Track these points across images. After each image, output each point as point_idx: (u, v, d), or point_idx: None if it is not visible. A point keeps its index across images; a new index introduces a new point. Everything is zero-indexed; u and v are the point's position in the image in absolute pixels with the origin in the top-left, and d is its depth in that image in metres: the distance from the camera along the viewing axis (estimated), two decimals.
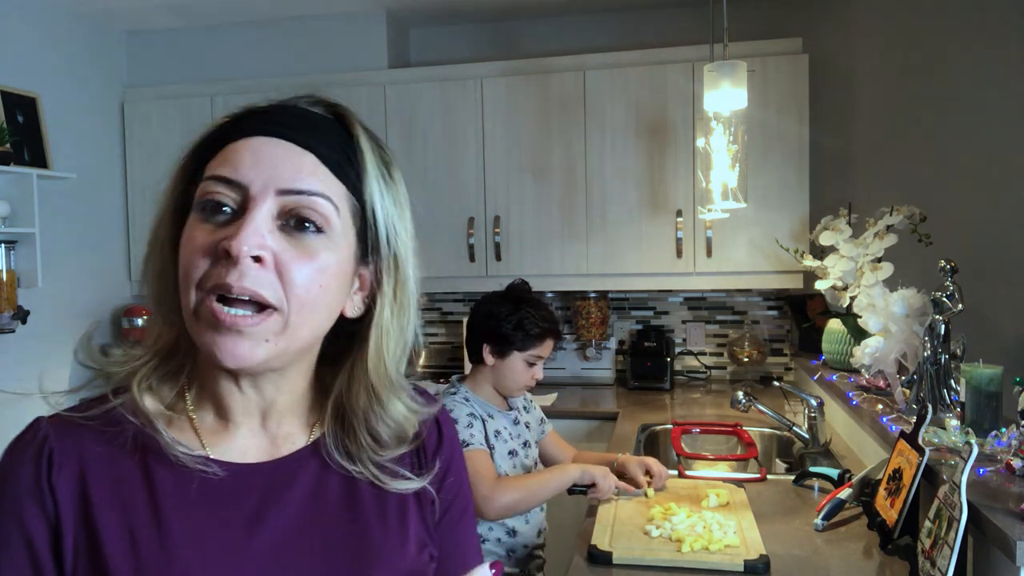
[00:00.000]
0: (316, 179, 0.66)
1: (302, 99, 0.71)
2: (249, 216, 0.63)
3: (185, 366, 0.72)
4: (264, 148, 0.65)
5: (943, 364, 1.60)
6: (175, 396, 0.71)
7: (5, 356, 2.85)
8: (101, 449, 0.67)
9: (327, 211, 0.66)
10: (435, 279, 3.16)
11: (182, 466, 0.67)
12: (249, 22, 3.44)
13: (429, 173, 3.13)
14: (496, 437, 1.83)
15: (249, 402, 0.71)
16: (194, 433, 0.70)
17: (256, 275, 0.62)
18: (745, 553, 1.43)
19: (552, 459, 2.05)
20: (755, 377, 3.23)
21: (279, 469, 0.71)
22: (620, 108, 2.97)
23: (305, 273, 0.65)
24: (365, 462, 0.73)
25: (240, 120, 0.68)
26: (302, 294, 0.65)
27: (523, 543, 1.83)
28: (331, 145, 0.68)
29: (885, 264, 2.09)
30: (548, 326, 1.86)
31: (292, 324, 0.65)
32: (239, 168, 0.64)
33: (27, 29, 2.99)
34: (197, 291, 0.63)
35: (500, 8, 3.31)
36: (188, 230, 0.65)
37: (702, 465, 2.21)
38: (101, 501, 0.65)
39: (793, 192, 2.84)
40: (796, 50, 2.85)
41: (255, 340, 0.63)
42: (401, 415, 0.74)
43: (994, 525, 1.13)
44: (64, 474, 0.65)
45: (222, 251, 0.62)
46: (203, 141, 0.69)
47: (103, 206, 3.35)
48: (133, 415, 0.67)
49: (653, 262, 2.97)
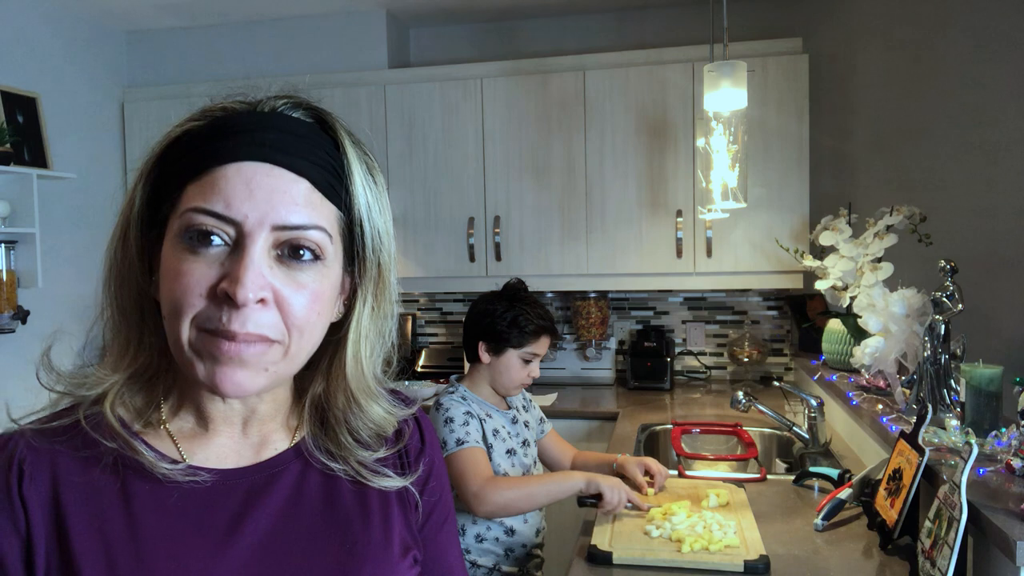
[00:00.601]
0: (311, 210, 0.64)
1: (281, 101, 0.68)
2: (248, 256, 0.61)
3: (160, 380, 0.70)
4: (256, 178, 0.63)
5: (943, 364, 1.60)
6: (150, 407, 0.70)
7: (5, 356, 2.85)
8: (74, 461, 0.65)
9: (322, 241, 0.65)
10: (435, 279, 3.17)
11: (162, 476, 0.65)
12: (249, 22, 3.44)
13: (429, 173, 3.13)
14: (495, 436, 1.83)
15: (232, 412, 0.71)
16: (171, 441, 0.69)
17: (259, 318, 0.62)
18: (745, 553, 1.43)
19: (551, 458, 2.05)
20: (755, 377, 3.23)
21: (260, 473, 0.70)
22: (620, 108, 2.97)
23: (302, 303, 0.64)
24: (348, 460, 0.73)
25: (223, 139, 0.64)
26: (301, 324, 0.64)
27: (521, 542, 1.83)
28: (322, 165, 0.66)
29: (885, 264, 2.09)
30: (543, 323, 1.86)
31: (292, 352, 0.65)
32: (231, 202, 0.62)
33: (27, 29, 2.99)
34: (193, 327, 0.62)
35: (500, 8, 3.32)
36: (172, 260, 0.63)
37: (702, 465, 2.21)
38: (74, 513, 0.63)
39: (793, 192, 2.84)
40: (796, 50, 2.85)
41: (256, 370, 0.63)
42: (379, 416, 0.75)
43: (994, 525, 1.13)
44: (35, 486, 0.63)
45: (222, 294, 0.61)
46: (175, 152, 0.66)
47: (103, 206, 3.35)
48: (107, 432, 0.66)
49: (653, 262, 2.97)
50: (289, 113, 0.68)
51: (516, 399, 1.99)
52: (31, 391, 0.71)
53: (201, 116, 0.67)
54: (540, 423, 2.06)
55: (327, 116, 0.70)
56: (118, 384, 0.68)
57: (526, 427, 1.96)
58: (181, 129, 0.67)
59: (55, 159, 3.02)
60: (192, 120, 0.67)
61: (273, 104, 0.68)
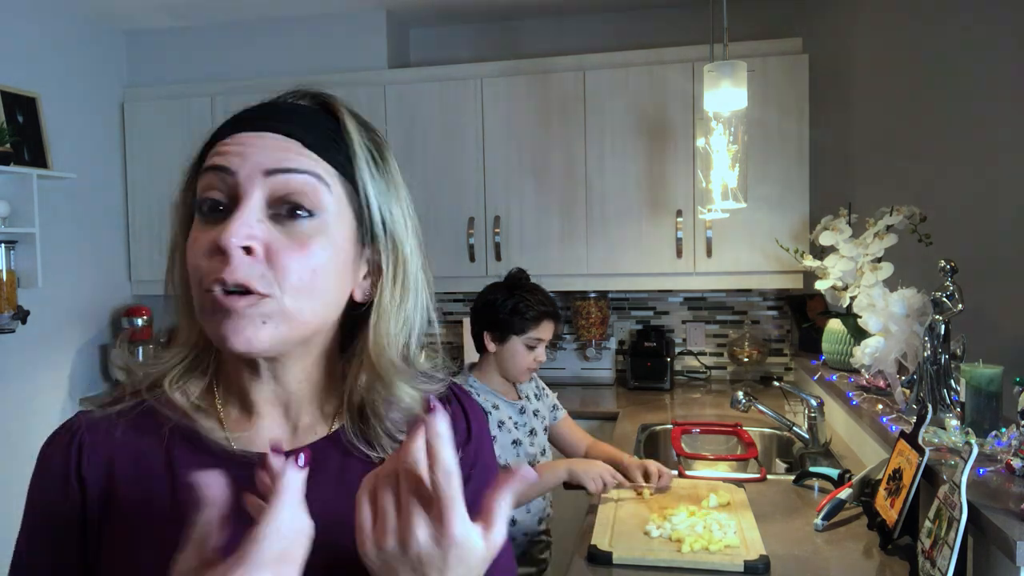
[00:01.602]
0: (303, 159, 0.66)
1: (289, 95, 0.72)
2: (239, 208, 0.64)
3: (209, 364, 0.74)
4: (250, 139, 0.66)
5: (943, 364, 1.60)
6: (204, 392, 0.73)
7: (5, 356, 2.85)
8: (131, 442, 0.69)
9: (317, 190, 0.66)
10: (435, 279, 3.12)
11: (209, 454, 0.69)
12: (249, 22, 3.44)
13: (429, 173, 3.13)
14: (500, 428, 1.87)
15: (271, 392, 0.72)
16: (220, 426, 0.72)
17: (246, 267, 0.63)
18: (745, 553, 1.43)
19: (565, 445, 2.09)
20: (755, 377, 3.23)
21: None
22: (620, 108, 2.97)
23: (297, 260, 0.65)
24: (382, 442, 0.73)
25: (230, 123, 0.69)
26: (295, 281, 0.65)
27: (523, 531, 1.88)
28: (317, 132, 0.68)
29: (885, 264, 2.09)
30: (544, 309, 1.90)
31: (289, 309, 0.65)
32: (228, 157, 0.66)
33: (27, 29, 2.99)
34: (200, 288, 0.65)
35: (500, 8, 3.32)
36: (192, 233, 0.67)
37: (702, 465, 2.21)
38: (125, 484, 0.68)
39: (793, 192, 2.84)
40: (796, 50, 2.85)
41: (254, 321, 0.64)
42: (409, 396, 0.73)
43: (994, 525, 1.13)
44: (93, 465, 0.68)
45: (215, 246, 0.63)
46: (202, 149, 0.71)
47: (103, 206, 3.35)
48: (167, 408, 0.70)
49: (653, 262, 2.97)
50: (294, 102, 0.72)
51: (527, 387, 2.02)
52: (31, 391, 0.73)
53: (225, 120, 0.71)
54: (553, 410, 2.10)
55: (330, 99, 0.72)
56: (175, 364, 0.72)
57: (535, 416, 1.99)
58: (211, 131, 0.71)
59: (55, 159, 3.02)
60: (221, 123, 0.71)
61: (283, 98, 0.72)
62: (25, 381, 2.92)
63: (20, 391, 2.89)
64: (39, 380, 2.98)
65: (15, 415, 2.86)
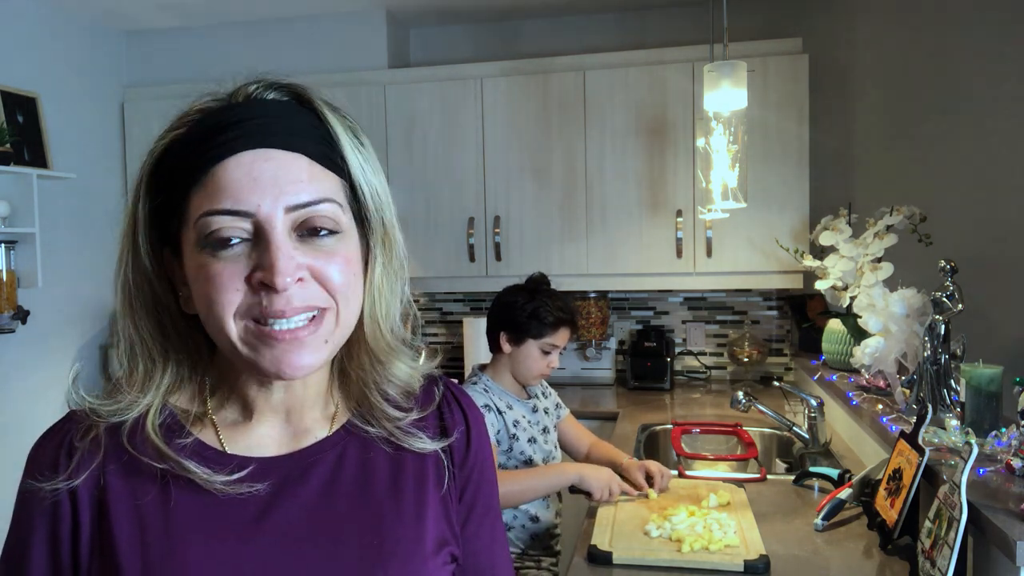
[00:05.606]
0: (316, 184, 0.66)
1: (252, 86, 0.70)
2: (274, 243, 0.62)
3: (202, 377, 0.73)
4: (256, 164, 0.64)
5: (943, 364, 1.60)
6: (195, 404, 0.72)
7: (5, 356, 2.85)
8: (121, 443, 0.68)
9: (335, 214, 0.67)
10: (435, 279, 3.17)
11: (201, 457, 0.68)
12: (249, 22, 3.44)
13: (429, 173, 3.13)
14: (516, 427, 1.89)
15: (280, 401, 0.72)
16: (214, 430, 0.71)
17: (302, 292, 0.64)
18: (745, 553, 1.43)
19: (568, 443, 2.11)
20: (755, 377, 3.23)
21: (296, 462, 0.72)
22: (620, 108, 2.97)
23: (338, 269, 0.66)
24: (381, 422, 0.75)
25: (213, 138, 0.64)
26: (344, 289, 0.67)
27: (545, 527, 1.91)
28: (312, 137, 0.67)
29: (885, 264, 2.09)
30: (562, 315, 1.91)
31: (343, 316, 0.67)
32: (240, 196, 0.63)
33: (27, 29, 2.99)
34: (237, 320, 0.64)
35: (500, 8, 3.31)
36: (199, 267, 0.64)
37: (702, 465, 2.21)
38: (115, 491, 0.67)
39: (793, 192, 2.84)
40: (796, 50, 2.85)
41: (315, 346, 0.65)
42: (405, 373, 0.76)
43: (994, 525, 1.13)
44: (84, 467, 0.67)
45: (259, 285, 0.63)
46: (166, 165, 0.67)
47: (103, 206, 3.34)
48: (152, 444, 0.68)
49: (653, 262, 2.97)
50: (264, 96, 0.69)
51: (535, 387, 2.03)
52: (31, 391, 0.73)
53: (180, 124, 0.68)
54: (557, 408, 2.12)
55: (301, 90, 0.71)
56: (155, 403, 0.70)
57: (545, 414, 2.00)
58: (164, 142, 0.68)
59: (55, 159, 3.02)
60: (173, 130, 0.68)
61: (246, 91, 0.69)
62: (25, 381, 2.92)
63: (20, 391, 2.89)
64: (39, 380, 2.98)
65: (15, 415, 2.86)
